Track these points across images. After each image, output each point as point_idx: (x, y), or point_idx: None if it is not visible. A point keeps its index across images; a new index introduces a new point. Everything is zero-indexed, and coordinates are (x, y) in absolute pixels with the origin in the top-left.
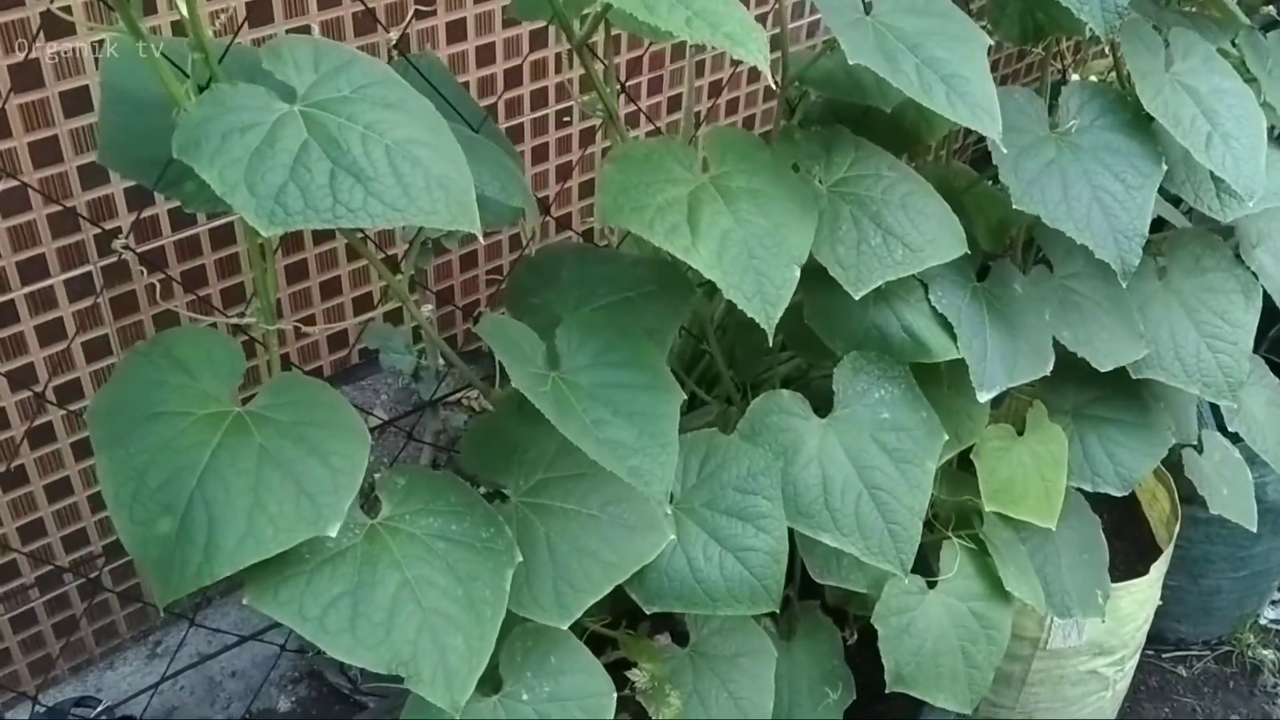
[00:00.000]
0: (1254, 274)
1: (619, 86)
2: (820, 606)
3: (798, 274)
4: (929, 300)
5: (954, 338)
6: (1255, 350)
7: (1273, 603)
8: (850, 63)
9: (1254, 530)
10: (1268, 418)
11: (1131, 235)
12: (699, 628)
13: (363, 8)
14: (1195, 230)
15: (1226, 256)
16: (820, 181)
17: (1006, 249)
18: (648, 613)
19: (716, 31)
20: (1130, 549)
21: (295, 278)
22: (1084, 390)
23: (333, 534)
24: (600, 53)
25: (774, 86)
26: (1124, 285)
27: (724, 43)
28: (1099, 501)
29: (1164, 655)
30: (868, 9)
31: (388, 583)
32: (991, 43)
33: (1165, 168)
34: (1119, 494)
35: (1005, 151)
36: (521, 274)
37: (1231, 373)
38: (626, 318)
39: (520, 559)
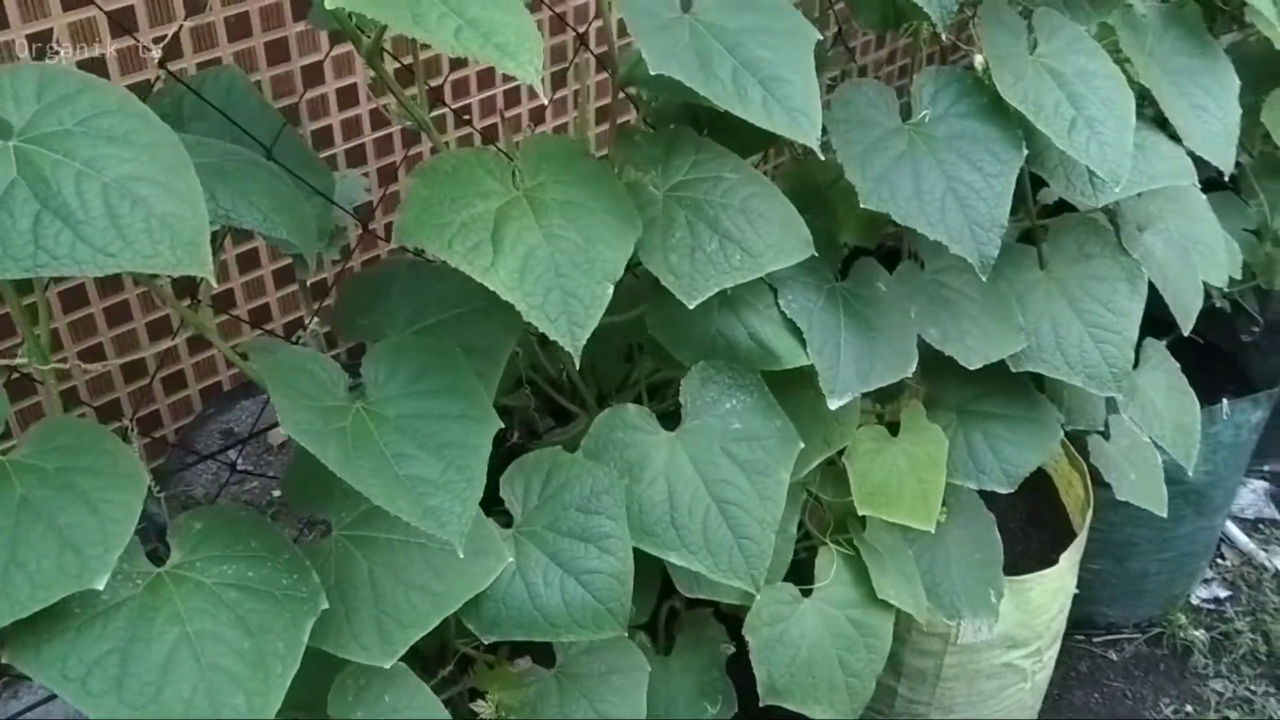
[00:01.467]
0: (1137, 260)
1: (427, 86)
2: (715, 613)
3: (610, 292)
4: (778, 305)
5: (804, 343)
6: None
7: (1204, 581)
8: (652, 72)
9: (1164, 515)
10: (1166, 403)
11: (989, 226)
12: (565, 648)
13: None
14: (1079, 215)
15: (1111, 242)
16: (655, 187)
17: (891, 241)
18: (485, 642)
19: (488, 43)
20: (1047, 537)
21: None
22: (969, 386)
23: (99, 587)
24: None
25: (545, 101)
26: (983, 278)
27: (493, 54)
28: (1015, 491)
29: (1094, 640)
30: (686, 6)
31: (164, 638)
32: (821, 36)
33: (1026, 151)
34: (1005, 490)
35: (823, 156)
36: (350, 292)
37: (1116, 363)
38: (445, 339)
39: (325, 606)
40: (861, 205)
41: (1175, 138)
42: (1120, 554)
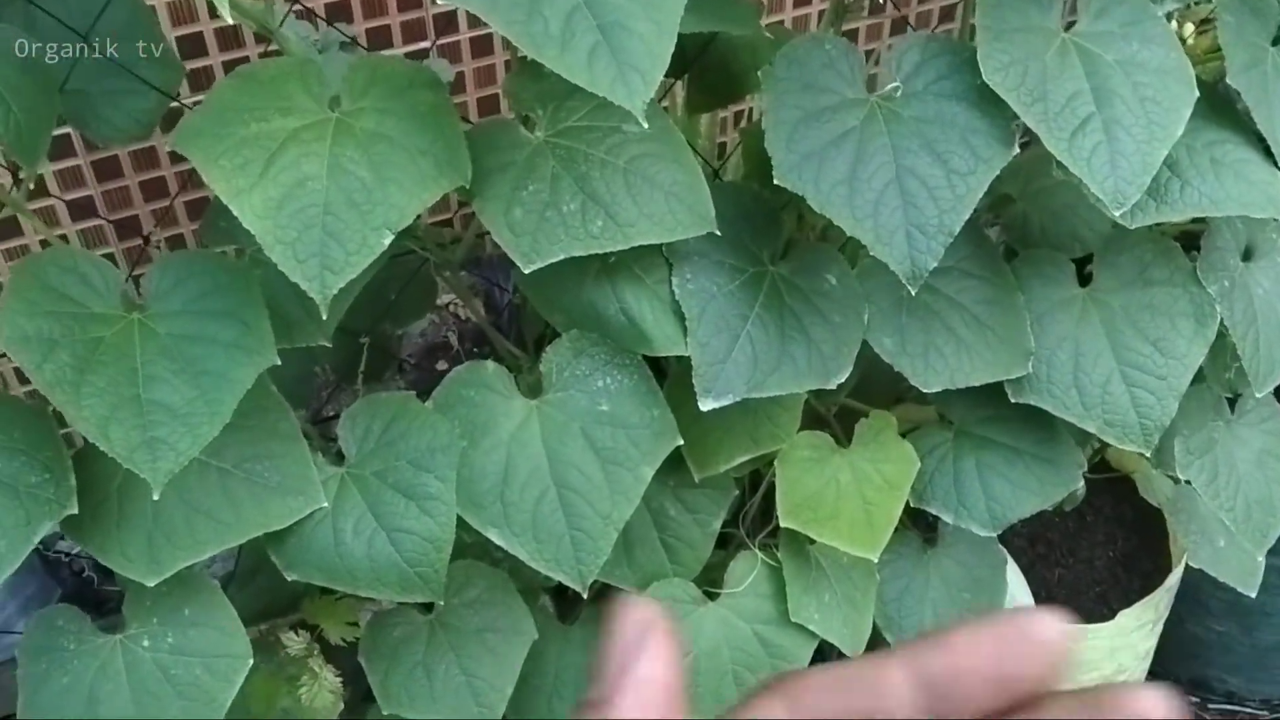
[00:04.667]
0: (1213, 296)
1: None
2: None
3: (387, 240)
4: (671, 283)
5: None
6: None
7: None
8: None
9: (1251, 595)
10: (1253, 471)
11: (934, 232)
12: (450, 595)
13: None
14: (1147, 230)
15: (1184, 269)
16: (535, 129)
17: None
18: (288, 579)
19: None
20: (1137, 586)
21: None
22: (981, 406)
23: None
24: None
25: (228, 19)
26: (913, 292)
27: None
28: (1116, 524)
29: (1210, 705)
30: None
31: None
32: None
33: (1017, 150)
34: (984, 534)
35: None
36: None
37: (1150, 414)
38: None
39: (73, 511)
40: (775, 181)
41: None
42: (1249, 621)
